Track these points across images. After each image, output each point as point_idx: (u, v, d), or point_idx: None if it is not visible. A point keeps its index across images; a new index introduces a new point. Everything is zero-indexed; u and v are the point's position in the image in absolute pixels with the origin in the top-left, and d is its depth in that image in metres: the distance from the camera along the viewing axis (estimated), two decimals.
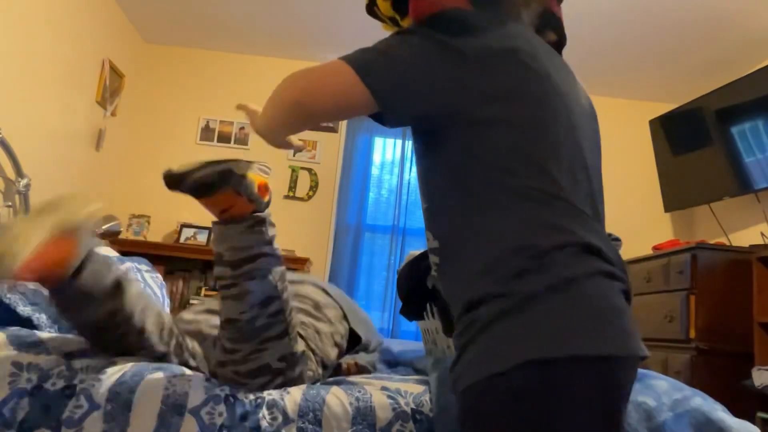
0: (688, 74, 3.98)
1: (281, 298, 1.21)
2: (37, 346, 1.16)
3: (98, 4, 3.55)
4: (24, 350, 1.14)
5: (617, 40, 3.66)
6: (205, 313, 1.46)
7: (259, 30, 3.99)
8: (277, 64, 4.34)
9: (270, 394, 1.14)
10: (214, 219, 1.21)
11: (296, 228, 4.17)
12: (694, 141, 3.82)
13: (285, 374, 1.20)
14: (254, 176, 1.22)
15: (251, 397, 1.13)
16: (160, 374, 1.13)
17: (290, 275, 1.60)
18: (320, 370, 1.32)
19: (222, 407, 1.10)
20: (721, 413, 1.18)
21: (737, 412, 1.24)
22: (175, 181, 1.13)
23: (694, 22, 3.37)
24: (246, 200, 1.19)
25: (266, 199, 1.24)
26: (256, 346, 1.17)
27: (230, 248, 1.18)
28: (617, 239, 1.38)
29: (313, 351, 1.32)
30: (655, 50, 3.73)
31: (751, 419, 2.69)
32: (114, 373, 1.13)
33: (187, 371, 1.18)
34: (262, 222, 1.21)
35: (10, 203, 2.81)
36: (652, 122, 4.16)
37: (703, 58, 3.76)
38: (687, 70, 3.93)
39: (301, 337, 1.31)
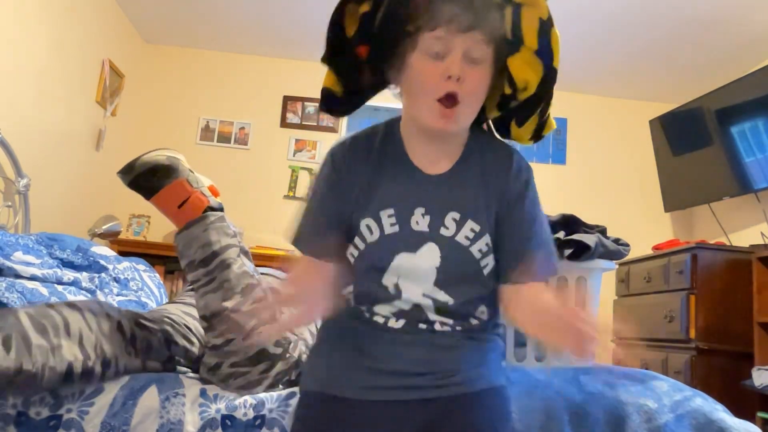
0: (688, 74, 3.98)
1: (261, 286, 1.22)
2: None
3: (98, 4, 3.55)
4: None
5: (617, 40, 3.66)
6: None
7: (259, 30, 3.98)
8: (277, 64, 4.34)
9: (270, 411, 1.10)
10: (176, 231, 1.23)
11: None
12: (694, 141, 3.82)
13: (284, 358, 1.18)
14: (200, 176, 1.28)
15: (250, 415, 1.08)
16: (153, 397, 1.08)
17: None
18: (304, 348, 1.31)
19: None
20: (721, 413, 1.18)
21: (737, 412, 1.24)
22: (127, 168, 1.21)
23: (694, 22, 3.36)
24: (200, 193, 1.22)
25: (217, 198, 1.26)
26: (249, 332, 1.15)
27: (199, 247, 1.19)
28: (626, 245, 1.38)
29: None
30: (655, 50, 3.73)
31: (751, 419, 2.69)
32: (103, 403, 1.07)
33: (181, 384, 1.12)
34: (222, 218, 1.23)
35: (9, 203, 2.81)
36: (652, 122, 4.16)
37: (703, 58, 3.75)
38: (687, 70, 3.93)
39: None
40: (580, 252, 1.29)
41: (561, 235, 1.31)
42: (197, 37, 4.17)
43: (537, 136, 1.10)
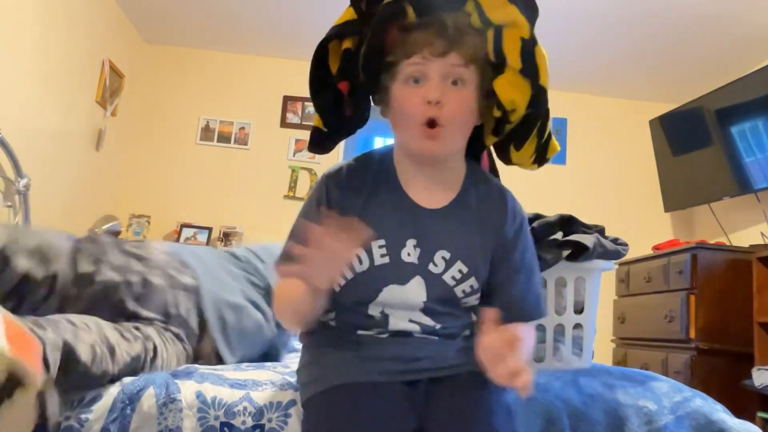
0: (688, 74, 3.98)
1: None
2: None
3: (98, 4, 3.55)
4: None
5: (617, 40, 3.66)
6: None
7: (259, 30, 3.98)
8: (277, 64, 4.34)
9: (270, 421, 1.08)
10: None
11: None
12: (694, 141, 3.82)
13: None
14: None
15: (249, 423, 1.07)
16: (151, 404, 1.06)
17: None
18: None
19: None
20: (722, 414, 1.18)
21: (737, 412, 1.24)
22: None
23: (694, 22, 3.36)
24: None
25: None
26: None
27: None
28: (625, 244, 1.38)
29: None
30: (655, 50, 3.73)
31: (751, 419, 2.69)
32: (102, 410, 1.05)
33: (177, 389, 1.11)
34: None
35: (9, 203, 2.81)
36: (652, 122, 4.16)
37: (703, 58, 3.75)
38: (687, 70, 3.93)
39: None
40: (579, 252, 1.29)
41: (559, 235, 1.30)
42: (197, 37, 4.17)
43: (540, 160, 1.10)
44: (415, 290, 0.97)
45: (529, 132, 1.05)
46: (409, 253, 0.97)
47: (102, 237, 1.31)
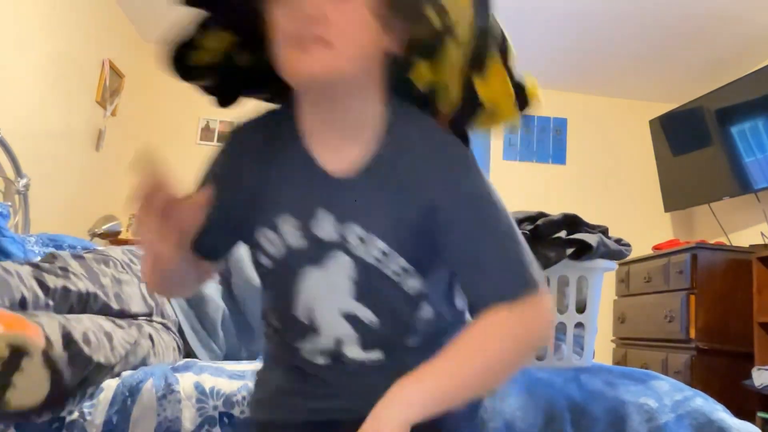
0: (688, 74, 3.98)
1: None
2: None
3: (98, 4, 3.55)
4: None
5: (617, 40, 3.66)
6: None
7: None
8: None
9: None
10: None
11: None
12: (694, 141, 3.82)
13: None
14: None
15: (248, 414, 1.07)
16: (150, 396, 1.08)
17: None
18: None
19: (217, 429, 1.07)
20: (722, 413, 1.19)
21: (737, 412, 1.25)
22: None
23: (694, 22, 3.37)
24: None
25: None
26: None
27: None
28: (628, 245, 1.38)
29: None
30: (655, 50, 3.73)
31: (751, 419, 2.69)
32: (104, 403, 1.06)
33: (176, 380, 1.12)
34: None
35: (9, 203, 2.81)
36: (652, 122, 4.17)
37: (703, 58, 3.76)
38: (687, 70, 3.93)
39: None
40: (582, 251, 1.30)
41: (563, 234, 1.31)
42: None
43: (520, 102, 0.81)
44: (338, 267, 0.79)
45: (484, 50, 0.76)
46: (324, 227, 0.79)
47: (58, 252, 1.30)
